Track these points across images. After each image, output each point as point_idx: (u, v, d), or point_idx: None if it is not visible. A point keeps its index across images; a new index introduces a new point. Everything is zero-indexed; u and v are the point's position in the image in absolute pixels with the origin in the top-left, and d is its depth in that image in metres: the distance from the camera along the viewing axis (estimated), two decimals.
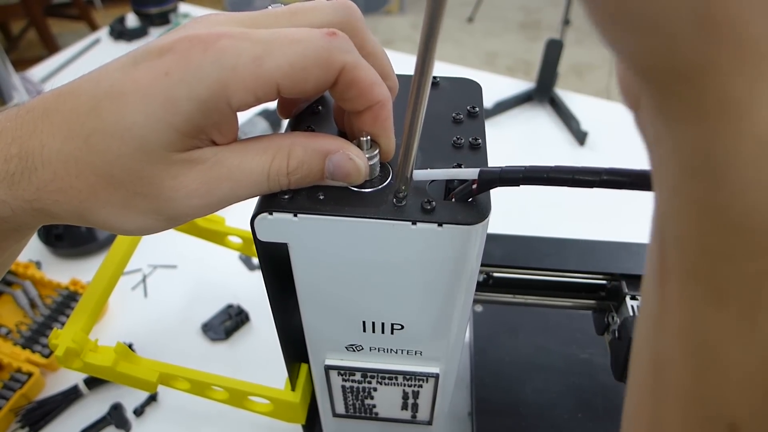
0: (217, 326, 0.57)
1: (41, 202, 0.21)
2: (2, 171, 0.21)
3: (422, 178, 0.24)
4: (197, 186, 0.21)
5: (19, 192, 0.21)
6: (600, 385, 0.45)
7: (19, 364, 0.51)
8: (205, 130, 0.21)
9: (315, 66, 0.20)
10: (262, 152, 0.22)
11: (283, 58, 0.20)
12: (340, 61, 0.21)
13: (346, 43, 0.21)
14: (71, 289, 0.59)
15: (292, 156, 0.22)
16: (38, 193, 0.21)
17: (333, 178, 0.23)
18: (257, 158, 0.22)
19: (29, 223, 0.23)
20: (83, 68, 1.03)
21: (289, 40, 0.20)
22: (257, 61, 0.19)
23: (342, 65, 0.21)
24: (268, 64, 0.20)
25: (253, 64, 0.19)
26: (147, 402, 0.51)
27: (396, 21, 2.63)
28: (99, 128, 0.20)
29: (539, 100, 0.90)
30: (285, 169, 0.22)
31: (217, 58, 0.19)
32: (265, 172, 0.22)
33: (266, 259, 0.26)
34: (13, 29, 2.19)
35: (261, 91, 0.20)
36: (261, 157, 0.22)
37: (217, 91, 0.20)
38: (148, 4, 1.02)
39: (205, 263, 0.63)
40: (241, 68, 0.19)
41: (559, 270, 0.37)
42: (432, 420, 0.35)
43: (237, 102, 0.20)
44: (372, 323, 0.28)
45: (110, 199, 0.21)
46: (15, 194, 0.21)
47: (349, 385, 0.32)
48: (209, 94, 0.20)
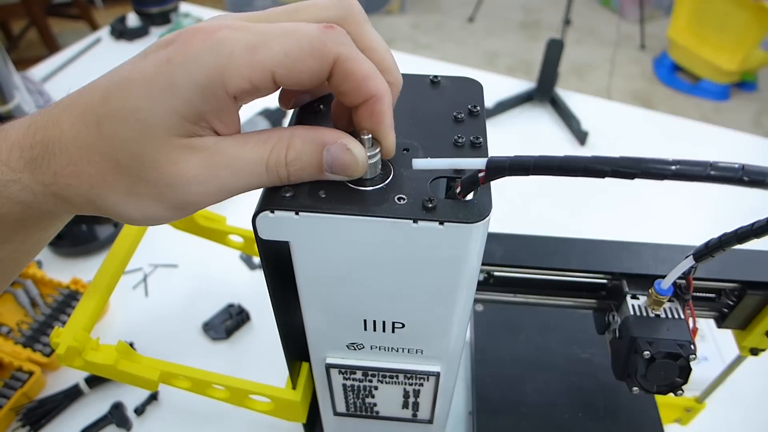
0: (218, 325, 0.57)
1: (58, 186, 0.23)
2: (27, 157, 0.23)
3: (429, 167, 0.24)
4: (196, 173, 0.22)
5: (39, 176, 0.23)
6: (600, 384, 0.45)
7: (20, 363, 0.51)
8: (205, 117, 0.22)
9: (309, 56, 0.21)
10: (262, 143, 0.23)
11: (278, 47, 0.20)
12: (334, 52, 0.21)
13: (341, 36, 0.21)
14: (72, 288, 0.59)
15: (291, 147, 0.22)
16: (55, 177, 0.23)
17: (332, 171, 0.23)
18: (256, 148, 0.22)
19: (50, 210, 0.24)
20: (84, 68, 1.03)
21: (285, 31, 0.21)
22: (253, 49, 0.20)
23: (336, 56, 0.21)
24: (263, 52, 0.20)
25: (248, 52, 0.20)
26: (148, 401, 0.51)
27: (396, 21, 2.63)
28: (108, 114, 0.22)
29: (540, 100, 0.90)
30: (283, 160, 0.22)
31: (215, 46, 0.20)
32: (263, 162, 0.22)
33: (268, 258, 0.26)
34: (13, 29, 2.19)
35: (256, 78, 0.21)
36: (260, 147, 0.22)
37: (214, 77, 0.20)
38: (148, 4, 1.02)
39: (206, 262, 0.63)
40: (236, 55, 0.20)
41: (560, 269, 0.37)
42: (433, 419, 0.35)
43: (233, 88, 0.21)
44: (373, 322, 0.28)
45: (117, 184, 0.22)
46: (36, 179, 0.23)
47: (350, 383, 0.32)
48: (207, 79, 0.20)
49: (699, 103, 2.17)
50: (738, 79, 2.15)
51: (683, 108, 2.14)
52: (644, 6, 2.35)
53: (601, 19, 2.60)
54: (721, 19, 2.00)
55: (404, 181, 0.24)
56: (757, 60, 2.05)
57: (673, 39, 2.17)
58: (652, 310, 0.33)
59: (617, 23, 2.45)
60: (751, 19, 1.89)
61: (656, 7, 2.59)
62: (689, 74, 2.21)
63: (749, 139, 0.86)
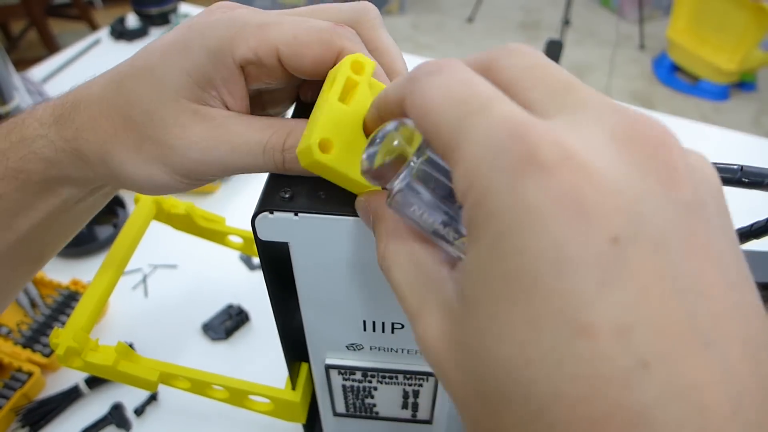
0: (218, 326, 0.57)
1: (77, 142, 0.25)
2: (57, 114, 0.25)
3: None
4: (198, 140, 0.23)
5: (63, 131, 0.25)
6: None
7: (20, 364, 0.51)
8: (214, 84, 0.23)
9: (316, 42, 0.22)
10: (266, 127, 0.23)
11: (288, 29, 0.22)
12: (340, 44, 0.22)
13: (350, 33, 0.23)
14: (72, 289, 0.59)
15: (291, 135, 0.23)
16: (77, 132, 0.25)
17: None
18: (260, 131, 0.23)
19: (68, 170, 0.26)
20: (84, 68, 1.03)
21: (299, 21, 0.22)
22: (264, 26, 0.22)
23: (341, 48, 0.22)
24: (274, 30, 0.22)
25: (260, 27, 0.22)
26: (147, 401, 0.51)
27: (396, 21, 2.63)
28: (129, 73, 0.24)
29: None
30: (281, 146, 0.23)
31: (232, 18, 0.23)
32: (261, 144, 0.23)
33: (267, 259, 0.26)
34: (13, 29, 2.19)
35: (261, 51, 0.22)
36: (264, 131, 0.23)
37: (224, 44, 0.22)
38: (148, 5, 1.02)
39: (205, 263, 0.63)
40: (248, 28, 0.22)
41: None
42: (432, 419, 0.35)
43: (239, 55, 0.22)
44: (372, 322, 0.28)
45: (126, 140, 0.24)
46: (60, 134, 0.25)
47: (349, 384, 0.32)
48: (218, 45, 0.22)
49: (698, 103, 2.17)
50: (737, 80, 2.16)
51: (683, 108, 2.14)
52: (644, 6, 2.35)
53: (600, 20, 2.60)
54: (721, 19, 2.00)
55: None
56: (757, 60, 2.05)
57: (673, 39, 2.17)
58: None
59: (616, 23, 2.45)
60: (751, 19, 1.89)
61: (656, 8, 2.60)
62: (689, 74, 2.21)
63: (749, 139, 0.86)
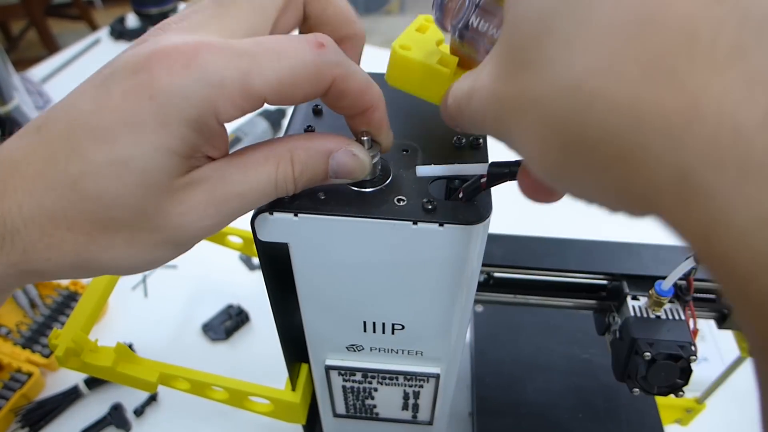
0: (218, 326, 0.57)
1: (30, 264, 0.20)
2: None
3: (432, 174, 0.24)
4: (205, 207, 0.21)
5: (3, 257, 0.19)
6: (601, 385, 0.45)
7: (19, 364, 0.51)
8: (200, 148, 0.20)
9: (305, 81, 0.20)
10: (264, 162, 0.21)
11: (271, 74, 0.19)
12: (330, 75, 0.20)
13: (335, 55, 0.20)
14: (71, 289, 0.59)
15: (296, 161, 0.22)
16: (26, 254, 0.19)
17: (336, 176, 0.22)
18: (261, 169, 0.21)
19: (13, 284, 0.21)
20: (83, 68, 1.03)
21: (277, 54, 0.19)
22: (245, 77, 0.19)
23: (332, 79, 0.20)
24: (257, 80, 0.19)
25: (240, 81, 0.19)
26: (147, 402, 0.51)
27: (396, 21, 2.63)
28: (87, 171, 0.19)
29: None
30: (291, 176, 0.22)
31: (202, 75, 0.18)
32: (272, 182, 0.21)
33: (267, 259, 0.26)
34: (13, 29, 2.19)
35: (248, 106, 0.20)
36: (264, 167, 0.21)
37: (206, 111, 0.19)
38: (148, 5, 1.02)
39: (205, 263, 0.63)
40: (228, 85, 0.19)
41: (560, 270, 0.37)
42: (433, 420, 0.35)
43: (225, 117, 0.20)
44: (373, 323, 0.28)
45: (112, 242, 0.20)
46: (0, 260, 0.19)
47: (349, 385, 0.32)
48: (199, 113, 0.19)
49: None
50: None
51: None
52: None
53: None
54: None
55: (404, 182, 0.24)
56: None
57: None
58: (653, 311, 0.33)
59: None
60: None
61: None
62: None
63: None
